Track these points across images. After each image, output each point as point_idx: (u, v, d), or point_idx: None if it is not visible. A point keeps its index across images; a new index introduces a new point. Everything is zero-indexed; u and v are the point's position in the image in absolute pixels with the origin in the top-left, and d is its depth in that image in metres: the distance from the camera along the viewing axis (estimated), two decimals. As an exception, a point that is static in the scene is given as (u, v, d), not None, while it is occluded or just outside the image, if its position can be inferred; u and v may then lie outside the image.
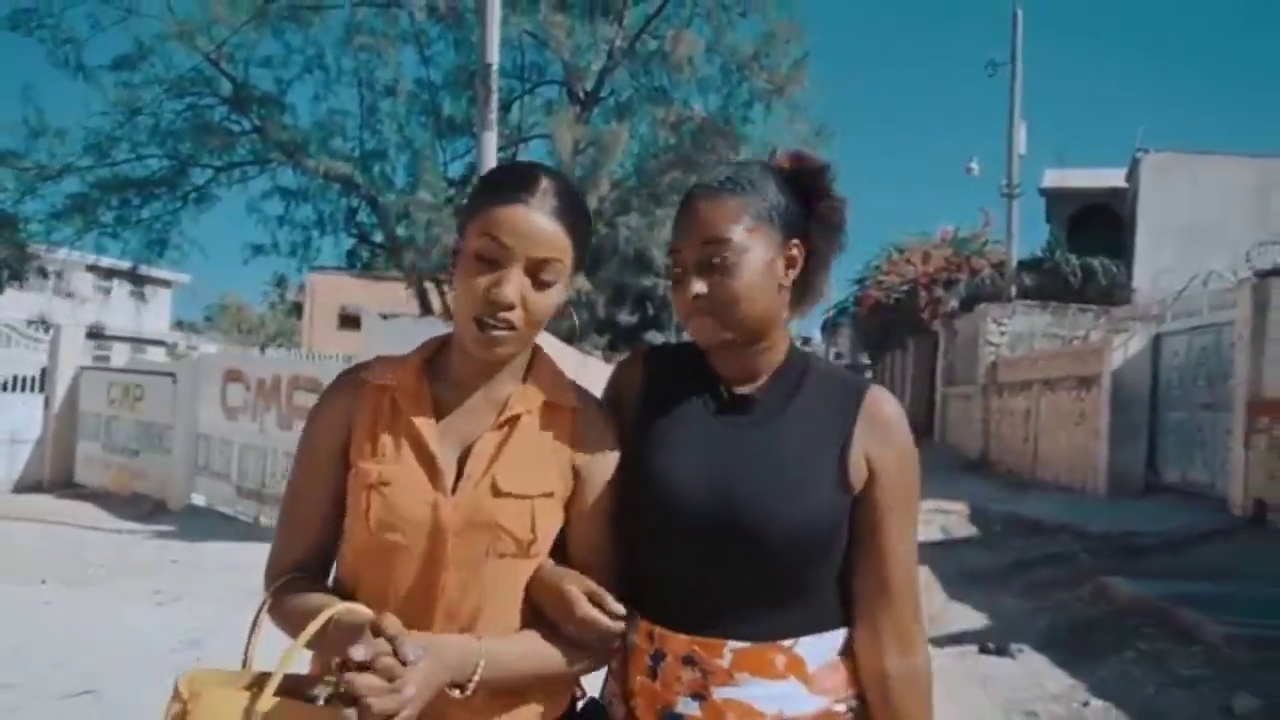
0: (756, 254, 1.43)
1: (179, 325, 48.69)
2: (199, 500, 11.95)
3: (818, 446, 1.44)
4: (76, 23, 18.91)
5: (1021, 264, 21.90)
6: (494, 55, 9.74)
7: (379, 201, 18.93)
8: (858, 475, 1.44)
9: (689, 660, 1.42)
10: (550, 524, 1.46)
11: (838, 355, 45.33)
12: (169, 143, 19.80)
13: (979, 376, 19.61)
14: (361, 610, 1.34)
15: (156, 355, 36.14)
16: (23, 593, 7.04)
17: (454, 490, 1.42)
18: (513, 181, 1.42)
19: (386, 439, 1.44)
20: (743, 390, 1.49)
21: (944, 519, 11.94)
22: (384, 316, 10.15)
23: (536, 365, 1.51)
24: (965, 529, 11.35)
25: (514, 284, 1.38)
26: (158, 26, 18.26)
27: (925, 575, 8.62)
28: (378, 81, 19.76)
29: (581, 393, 1.54)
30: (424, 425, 1.43)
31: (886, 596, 1.44)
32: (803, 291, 1.51)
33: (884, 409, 1.47)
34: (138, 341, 37.32)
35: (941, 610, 7.29)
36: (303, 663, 1.38)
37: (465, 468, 1.43)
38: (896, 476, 1.46)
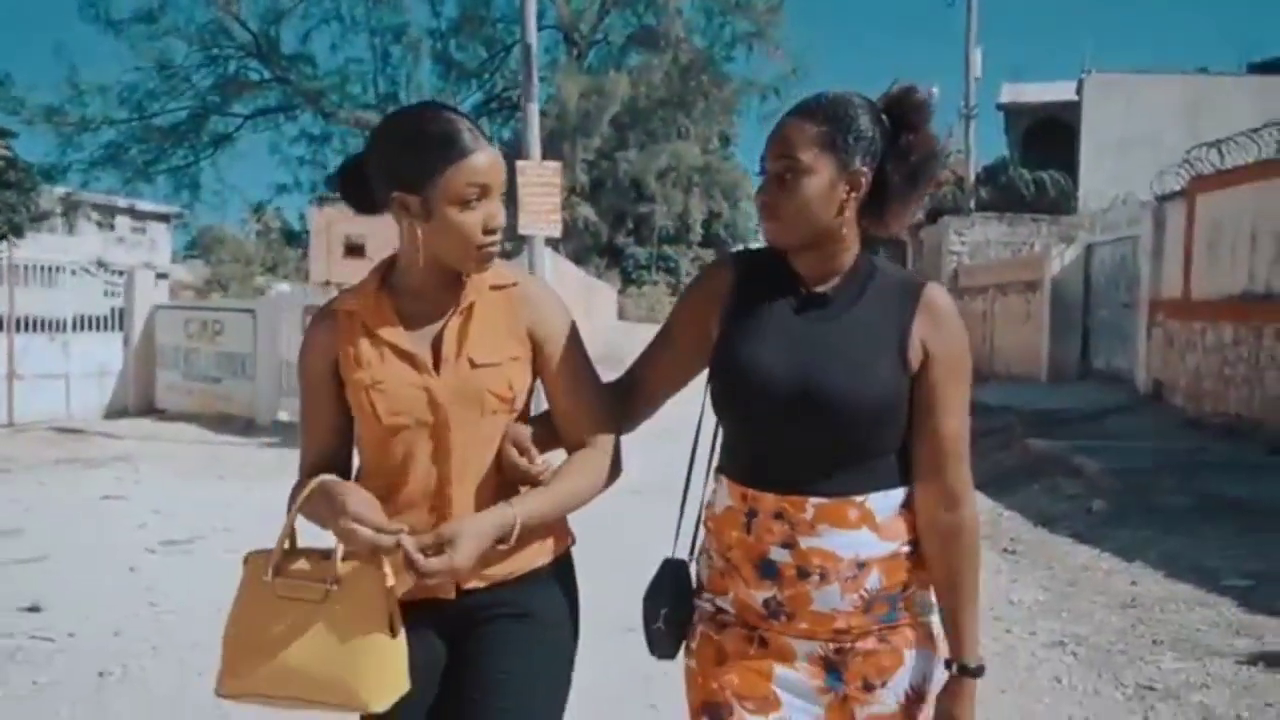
0: (821, 176, 1.62)
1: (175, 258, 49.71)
2: (284, 416, 14.01)
3: (881, 334, 1.66)
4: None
5: (979, 178, 24.03)
6: (533, 38, 11.71)
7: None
8: (915, 358, 1.66)
9: (779, 515, 1.65)
10: (520, 381, 1.76)
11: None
12: (197, 93, 21.46)
13: (943, 282, 21.89)
14: (328, 478, 1.68)
15: (162, 286, 37.54)
16: (218, 486, 9.24)
17: (437, 372, 1.71)
18: (457, 135, 1.67)
19: (367, 351, 1.72)
20: (818, 289, 1.70)
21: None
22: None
23: None
24: (928, 414, 13.76)
25: (501, 212, 1.70)
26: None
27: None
28: (389, 30, 21.50)
29: (518, 271, 1.86)
30: (393, 332, 1.72)
31: (938, 461, 1.67)
32: (878, 213, 1.69)
33: (938, 302, 1.68)
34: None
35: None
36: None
37: (440, 353, 1.72)
38: (948, 360, 1.67)
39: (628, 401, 1.86)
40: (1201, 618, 4.80)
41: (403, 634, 1.62)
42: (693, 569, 1.83)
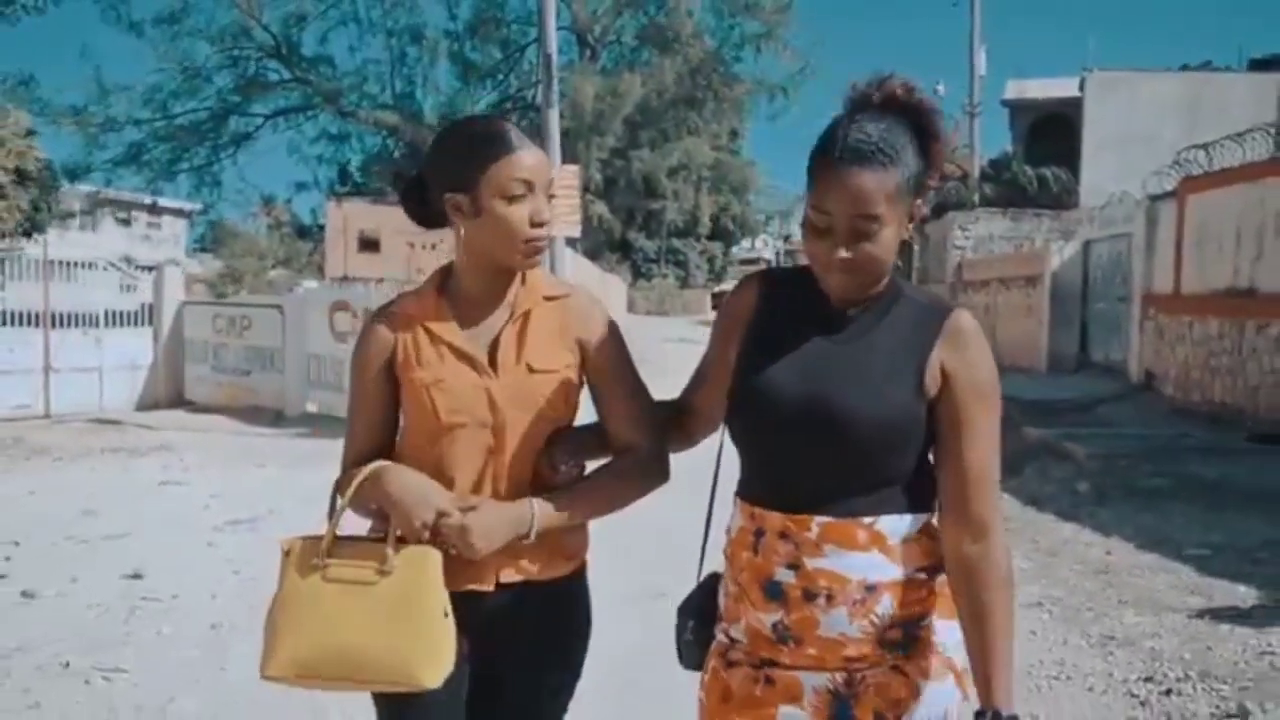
0: (896, 222, 1.58)
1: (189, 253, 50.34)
2: (311, 408, 14.54)
3: (900, 358, 1.62)
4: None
5: (983, 174, 24.55)
6: (553, 47, 12.28)
7: (417, 144, 21.17)
8: (933, 382, 1.62)
9: (784, 535, 1.63)
10: (572, 391, 1.83)
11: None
12: (219, 93, 22.07)
13: (948, 276, 22.41)
14: (385, 463, 1.76)
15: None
16: (261, 473, 9.80)
17: (495, 375, 1.79)
18: (503, 135, 1.77)
19: (428, 352, 1.80)
20: (842, 310, 1.67)
21: (915, 398, 14.96)
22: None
23: (528, 273, 1.85)
24: (931, 404, 14.36)
25: (548, 209, 1.79)
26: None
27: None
28: (406, 32, 22.07)
29: (568, 284, 1.93)
30: (453, 334, 1.80)
31: (963, 490, 1.60)
32: None
33: (963, 327, 1.64)
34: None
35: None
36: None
37: (497, 356, 1.79)
38: (970, 384, 1.61)
39: (685, 423, 1.91)
40: (1163, 581, 5.39)
41: (451, 615, 1.70)
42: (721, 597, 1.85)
